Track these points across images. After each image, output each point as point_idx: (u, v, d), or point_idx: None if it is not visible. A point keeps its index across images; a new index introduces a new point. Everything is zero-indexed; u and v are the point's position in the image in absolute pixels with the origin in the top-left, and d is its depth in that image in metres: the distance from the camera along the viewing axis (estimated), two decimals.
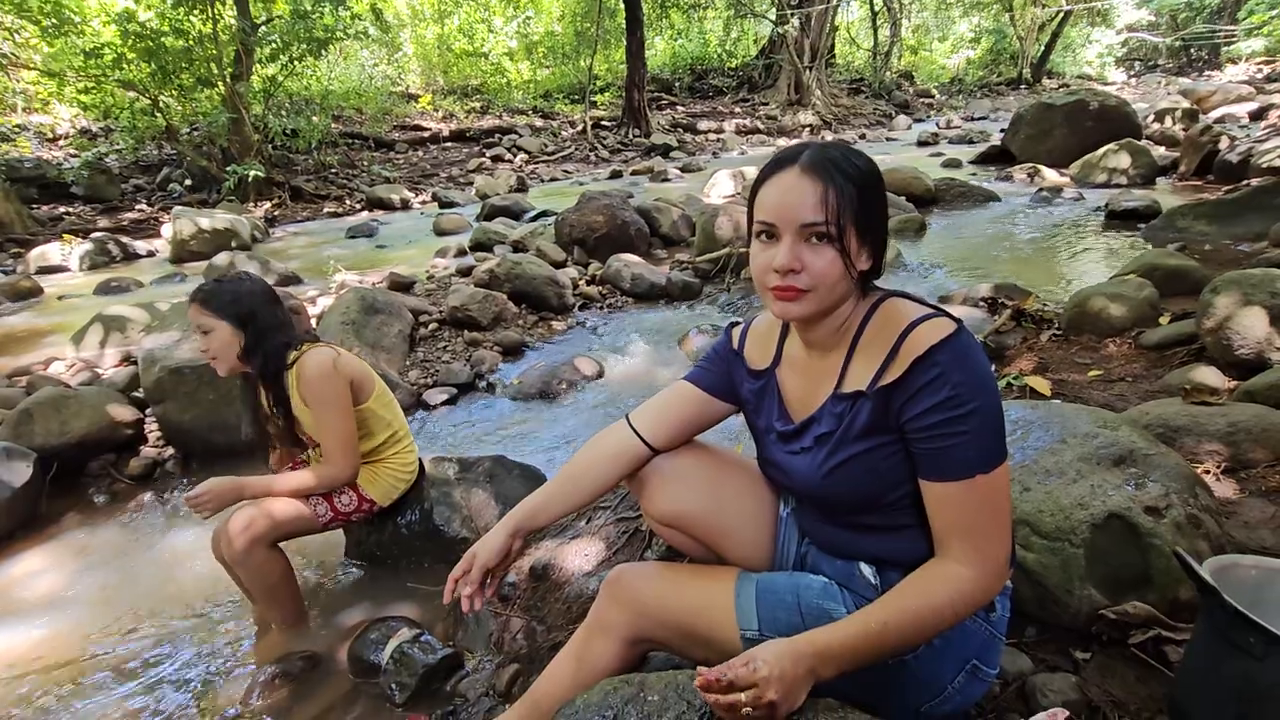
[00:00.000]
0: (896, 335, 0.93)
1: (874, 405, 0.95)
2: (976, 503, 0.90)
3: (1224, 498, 1.67)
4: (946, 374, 0.88)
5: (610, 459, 1.18)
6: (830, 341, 1.02)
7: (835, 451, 0.99)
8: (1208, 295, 2.59)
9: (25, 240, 7.80)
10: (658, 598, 1.11)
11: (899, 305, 0.98)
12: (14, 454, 2.63)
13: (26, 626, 2.08)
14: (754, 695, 0.83)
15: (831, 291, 0.94)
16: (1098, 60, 29.02)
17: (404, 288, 4.92)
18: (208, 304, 1.81)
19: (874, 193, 0.95)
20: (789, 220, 0.92)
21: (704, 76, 21.26)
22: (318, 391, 1.83)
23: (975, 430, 0.89)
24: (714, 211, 5.69)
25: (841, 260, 0.92)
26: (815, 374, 1.05)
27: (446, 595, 1.15)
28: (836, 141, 1.00)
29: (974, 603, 0.91)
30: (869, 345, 0.98)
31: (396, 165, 12.84)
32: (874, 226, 0.95)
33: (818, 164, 0.92)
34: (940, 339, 0.90)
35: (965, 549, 0.91)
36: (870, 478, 0.98)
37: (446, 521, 2.20)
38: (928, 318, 0.93)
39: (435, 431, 3.27)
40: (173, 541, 2.49)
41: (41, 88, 10.61)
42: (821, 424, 1.02)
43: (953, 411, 0.88)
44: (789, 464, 1.07)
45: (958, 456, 0.90)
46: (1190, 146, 7.25)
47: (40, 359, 4.02)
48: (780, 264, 0.92)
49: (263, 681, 1.76)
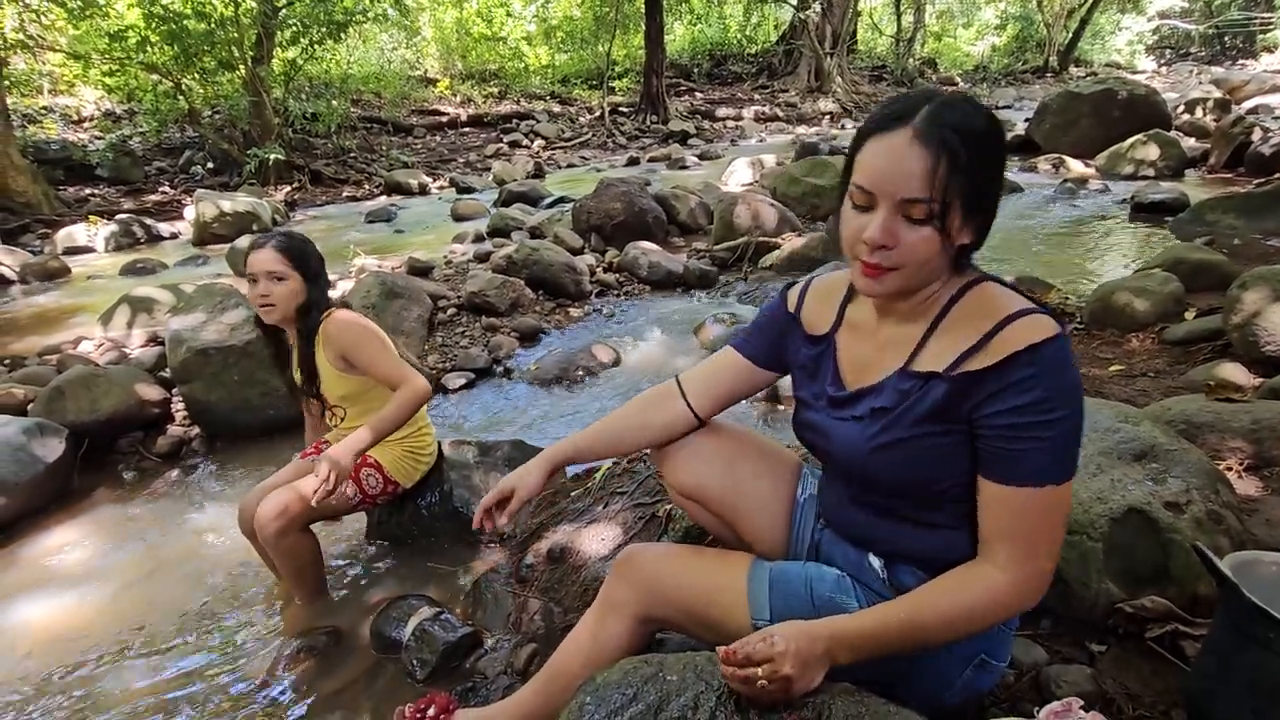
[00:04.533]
0: (992, 323, 0.87)
1: (949, 390, 0.89)
2: (1035, 512, 0.86)
3: (1246, 495, 1.66)
4: (1040, 376, 0.83)
5: (660, 426, 1.21)
6: (911, 313, 0.95)
7: (890, 428, 0.94)
8: (1235, 290, 2.55)
9: (52, 221, 7.93)
10: (668, 580, 1.12)
11: (996, 292, 0.91)
12: (47, 430, 2.71)
13: (59, 598, 2.15)
14: (770, 670, 0.85)
15: (920, 270, 0.88)
16: (1127, 48, 28.30)
17: (422, 273, 4.96)
18: (287, 253, 1.87)
19: (992, 161, 0.85)
20: (889, 192, 0.83)
21: (723, 62, 21.02)
22: (354, 338, 1.89)
23: (1055, 440, 0.84)
24: (732, 200, 5.66)
25: (938, 239, 0.85)
26: (883, 343, 0.98)
27: (476, 522, 1.21)
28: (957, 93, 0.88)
29: (1008, 612, 0.89)
30: (955, 326, 0.91)
31: (414, 150, 12.88)
32: (985, 200, 0.87)
33: (933, 127, 0.81)
34: (1042, 339, 0.83)
35: (1011, 556, 0.88)
36: (919, 463, 0.93)
37: (465, 504, 2.23)
38: (1030, 313, 0.86)
39: (453, 415, 3.31)
40: (199, 517, 2.56)
41: (67, 70, 10.77)
42: (881, 397, 0.96)
43: (1038, 416, 0.83)
44: (834, 430, 1.02)
45: (1030, 463, 0.85)
46: (1221, 138, 7.08)
47: (69, 338, 4.12)
48: (871, 237, 0.85)
49: (288, 655, 1.81)
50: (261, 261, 1.85)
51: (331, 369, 1.93)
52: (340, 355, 1.91)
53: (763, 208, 5.54)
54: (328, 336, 1.90)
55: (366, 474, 1.99)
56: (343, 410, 2.01)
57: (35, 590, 2.18)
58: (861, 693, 0.93)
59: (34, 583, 2.22)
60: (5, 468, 2.48)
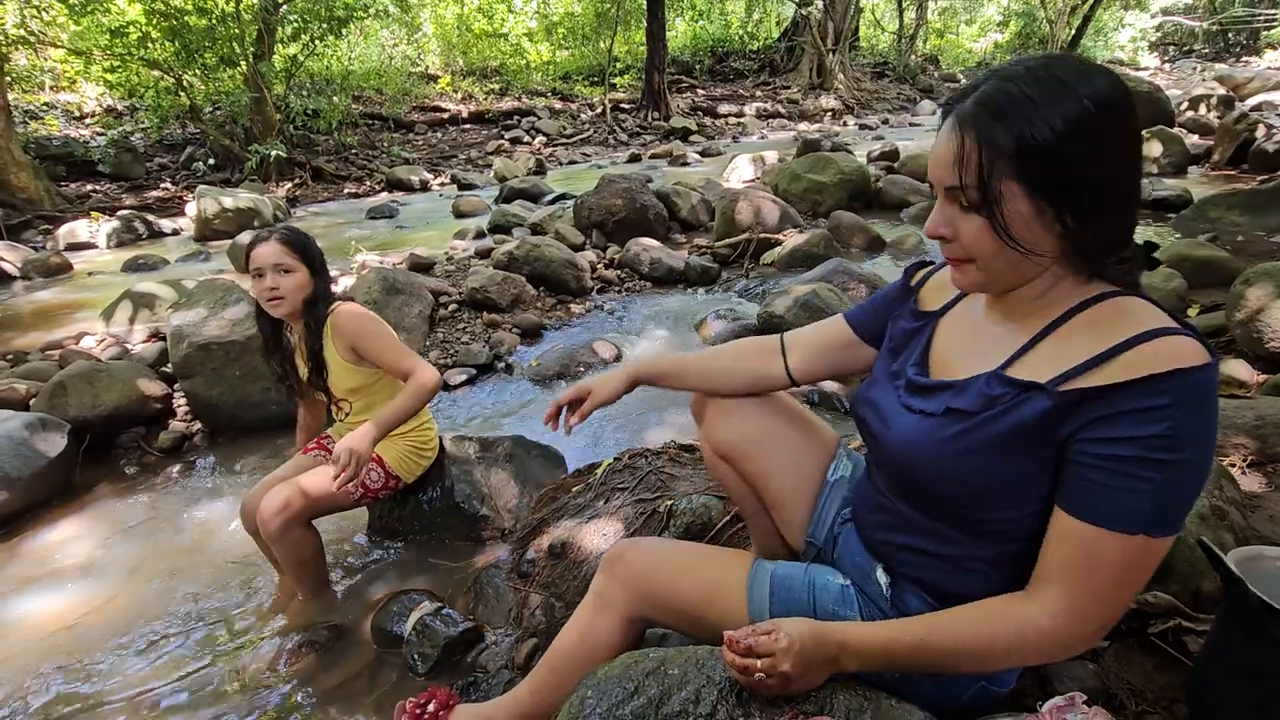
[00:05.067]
0: (1121, 338, 0.73)
1: (1050, 408, 0.75)
2: (1115, 562, 0.73)
3: (1249, 490, 1.66)
4: (1175, 409, 0.69)
5: (750, 379, 1.21)
6: (1022, 310, 0.84)
7: (963, 436, 0.82)
8: (1239, 287, 2.54)
9: (54, 217, 7.93)
10: (661, 580, 1.10)
11: (1135, 305, 0.76)
12: (49, 424, 2.71)
13: (61, 592, 2.15)
14: (769, 664, 0.84)
15: (995, 261, 0.78)
16: (1130, 45, 28.21)
17: (424, 269, 4.96)
18: (293, 246, 1.87)
19: (1077, 139, 0.72)
20: (937, 181, 0.79)
21: (725, 59, 20.98)
22: (363, 328, 1.89)
23: (1168, 484, 0.70)
24: (734, 196, 5.65)
25: (988, 229, 0.76)
26: (983, 338, 0.88)
27: (547, 418, 1.26)
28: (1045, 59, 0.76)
29: (1042, 656, 0.79)
30: (1072, 335, 0.78)
31: (416, 146, 12.87)
32: (1070, 186, 0.73)
33: (966, 111, 0.75)
34: (1188, 365, 0.69)
35: (1064, 601, 0.76)
36: (982, 485, 0.81)
37: (467, 499, 2.23)
38: (1177, 333, 0.72)
39: (455, 411, 3.31)
40: (200, 512, 2.56)
41: (69, 66, 10.77)
42: (963, 397, 0.84)
43: (1157, 453, 0.69)
44: (897, 419, 0.92)
45: (1129, 504, 0.71)
46: (1224, 135, 7.06)
47: (71, 334, 4.11)
48: (926, 228, 0.82)
49: (289, 650, 1.81)
50: (267, 255, 1.84)
51: (341, 361, 1.93)
52: (350, 347, 1.91)
53: (764, 204, 5.53)
54: (337, 328, 1.90)
55: (368, 468, 1.99)
56: (349, 404, 2.01)
57: (37, 585, 2.19)
58: (864, 686, 0.93)
59: (36, 577, 2.22)
60: (7, 463, 2.48)
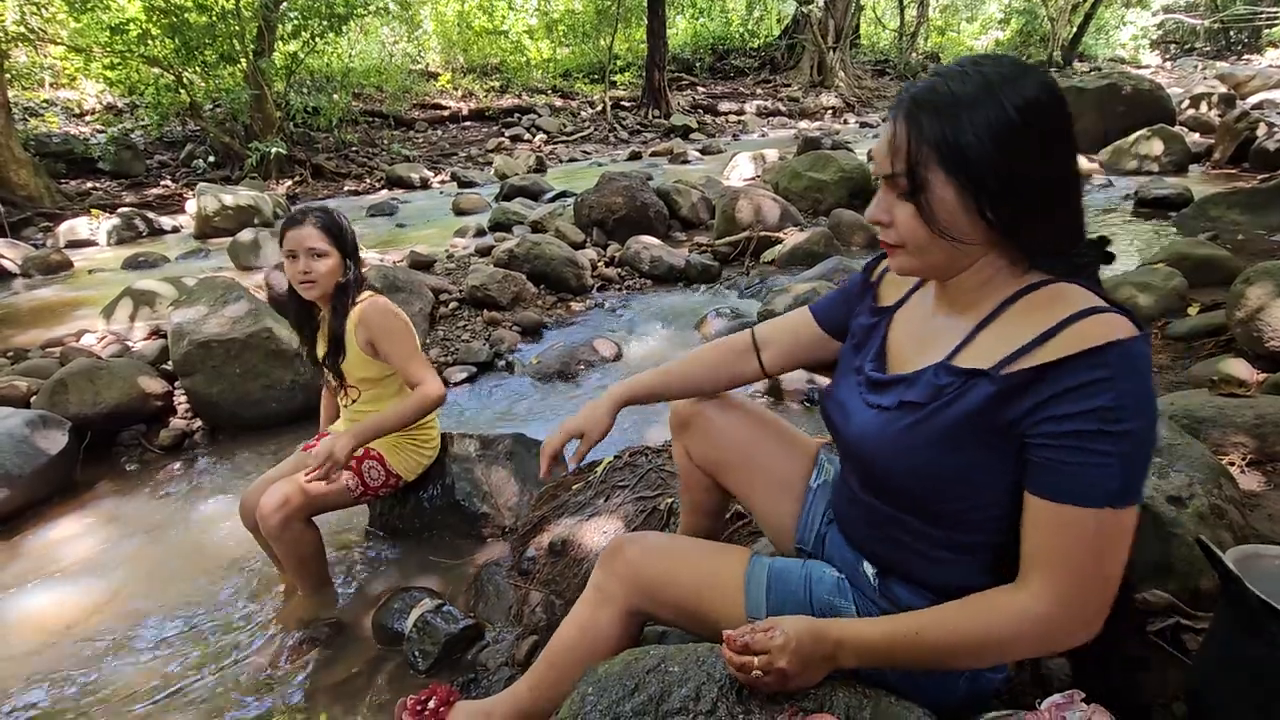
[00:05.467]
0: (1057, 319, 0.76)
1: (993, 393, 0.78)
2: (1088, 538, 0.75)
3: (1249, 490, 1.66)
4: (1114, 380, 0.72)
5: (730, 377, 1.22)
6: (964, 301, 0.87)
7: (915, 427, 0.85)
8: (1239, 286, 2.54)
9: (54, 214, 7.93)
10: (659, 574, 1.10)
11: (1070, 291, 0.79)
12: (50, 422, 2.71)
13: (62, 589, 2.15)
14: (765, 661, 0.84)
15: (926, 249, 0.82)
16: (1132, 43, 28.17)
17: (424, 266, 4.96)
18: (328, 230, 1.88)
19: (995, 142, 0.75)
20: (878, 169, 0.84)
21: (725, 57, 20.96)
22: (388, 326, 1.90)
23: (1123, 455, 0.73)
24: (734, 194, 5.65)
25: (916, 215, 0.80)
26: (932, 330, 0.91)
27: (544, 471, 1.20)
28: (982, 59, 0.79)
29: (1040, 647, 0.80)
30: (1011, 322, 0.81)
31: (416, 144, 12.86)
32: (987, 185, 0.76)
33: (911, 106, 0.79)
34: (1123, 337, 0.72)
35: (1050, 585, 0.77)
36: (938, 474, 0.84)
37: (467, 497, 2.24)
38: (1108, 311, 0.75)
39: (456, 409, 3.31)
40: (201, 509, 2.56)
41: (69, 63, 10.76)
42: (913, 390, 0.87)
43: (1105, 425, 0.72)
44: (856, 414, 0.95)
45: (1089, 479, 0.74)
46: (1225, 133, 7.06)
47: (72, 331, 4.12)
48: (867, 214, 0.89)
49: (290, 646, 1.82)
50: (303, 238, 1.85)
51: (359, 350, 1.94)
52: (369, 340, 1.92)
53: (765, 202, 5.53)
54: (363, 318, 1.91)
55: (368, 466, 1.99)
56: (358, 391, 2.02)
57: (38, 582, 2.19)
58: (863, 684, 0.93)
59: (37, 574, 2.23)
60: (8, 460, 2.48)
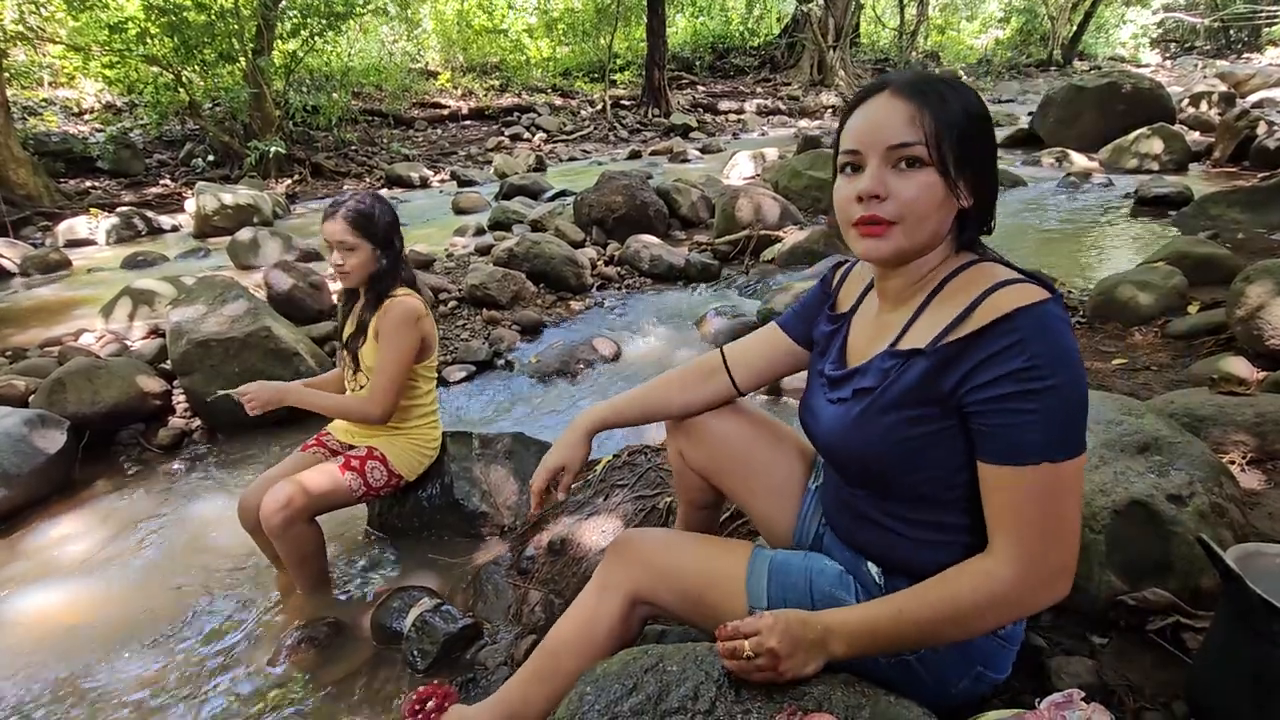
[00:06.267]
0: (976, 294, 0.82)
1: (929, 366, 0.84)
2: (1034, 495, 0.79)
3: (1249, 488, 1.66)
4: (1026, 342, 0.77)
5: (704, 398, 1.24)
6: (905, 294, 0.93)
7: (869, 410, 0.90)
8: (1239, 284, 2.54)
9: (53, 214, 7.91)
10: (665, 562, 1.11)
11: (989, 268, 0.87)
12: (48, 421, 2.71)
13: (60, 589, 2.15)
14: (756, 643, 0.85)
15: (921, 225, 0.85)
16: (1132, 41, 28.15)
17: (424, 266, 4.95)
18: (356, 225, 1.88)
19: (977, 126, 0.84)
20: (875, 143, 0.83)
21: (725, 55, 20.95)
22: (393, 331, 1.92)
23: (1048, 411, 0.77)
24: (734, 193, 5.65)
25: (943, 186, 0.83)
26: (880, 326, 0.96)
27: (535, 508, 1.24)
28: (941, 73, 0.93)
29: (1016, 608, 0.83)
30: (943, 303, 0.87)
31: (415, 143, 12.85)
32: (976, 163, 0.85)
33: (913, 85, 0.84)
34: (1027, 303, 0.78)
35: (1010, 546, 0.81)
36: (897, 451, 0.89)
37: (466, 496, 2.23)
38: (1017, 282, 0.82)
39: (454, 408, 3.31)
40: (200, 509, 2.56)
41: (67, 62, 10.74)
42: (866, 377, 0.93)
43: (1025, 385, 0.77)
44: (823, 411, 1.00)
45: (1021, 438, 0.78)
46: (1225, 131, 7.05)
47: (71, 330, 4.11)
48: (864, 188, 0.84)
49: (289, 645, 1.81)
50: (333, 232, 1.89)
51: (374, 340, 1.97)
52: (378, 331, 1.94)
53: (765, 201, 5.52)
54: (386, 310, 1.94)
55: (371, 466, 1.99)
56: (365, 378, 2.02)
57: (37, 581, 2.19)
58: (862, 683, 0.93)
59: (35, 574, 2.22)
60: (7, 459, 2.48)
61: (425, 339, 2.01)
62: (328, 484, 1.91)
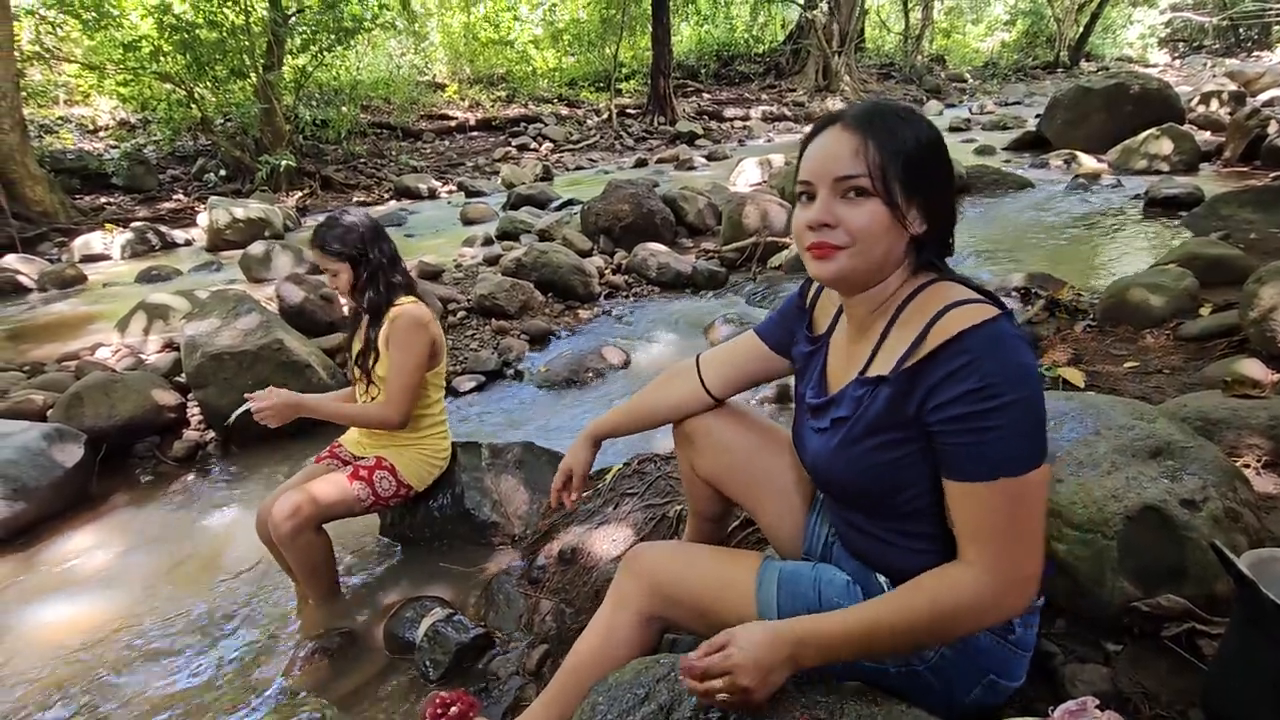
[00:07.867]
0: (928, 317, 0.86)
1: (893, 393, 0.88)
2: (999, 507, 0.82)
3: (1264, 492, 1.64)
4: (977, 362, 0.80)
5: (674, 403, 1.28)
6: (868, 321, 0.96)
7: (847, 438, 0.94)
8: (1252, 285, 2.52)
9: (69, 229, 8.03)
10: (675, 575, 1.12)
11: (945, 288, 0.89)
12: (66, 435, 2.75)
13: (77, 600, 2.18)
14: (728, 682, 0.84)
15: (870, 250, 0.88)
16: (1139, 41, 28.01)
17: (432, 276, 4.99)
18: (326, 249, 1.95)
19: (927, 153, 0.87)
20: (824, 174, 0.87)
21: (730, 63, 21.00)
22: (404, 338, 1.95)
23: (1006, 427, 0.80)
24: (740, 200, 5.65)
25: (888, 215, 0.86)
26: (851, 353, 0.99)
27: (554, 502, 1.37)
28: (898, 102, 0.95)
29: (985, 615, 0.85)
30: (903, 327, 0.90)
31: (424, 155, 12.95)
32: (927, 190, 0.87)
33: (859, 118, 0.87)
34: (974, 323, 0.81)
35: (981, 556, 0.84)
36: (877, 474, 0.92)
37: (477, 505, 2.24)
38: (968, 302, 0.85)
39: (464, 417, 3.32)
40: (216, 521, 2.59)
41: (82, 80, 10.90)
42: (841, 406, 0.96)
43: (981, 404, 0.80)
44: (809, 440, 1.03)
45: (982, 454, 0.81)
46: (1236, 131, 7.00)
47: (87, 345, 4.17)
48: (811, 218, 0.88)
49: (303, 656, 1.83)
50: (317, 258, 1.97)
51: (387, 354, 2.00)
52: (385, 341, 1.97)
53: (771, 208, 5.53)
54: (393, 320, 1.97)
55: (380, 476, 2.01)
56: (378, 389, 2.04)
57: (54, 593, 2.22)
58: (875, 692, 0.93)
59: (53, 586, 2.25)
60: (25, 472, 2.52)
61: (435, 343, 2.04)
62: (335, 493, 1.93)
